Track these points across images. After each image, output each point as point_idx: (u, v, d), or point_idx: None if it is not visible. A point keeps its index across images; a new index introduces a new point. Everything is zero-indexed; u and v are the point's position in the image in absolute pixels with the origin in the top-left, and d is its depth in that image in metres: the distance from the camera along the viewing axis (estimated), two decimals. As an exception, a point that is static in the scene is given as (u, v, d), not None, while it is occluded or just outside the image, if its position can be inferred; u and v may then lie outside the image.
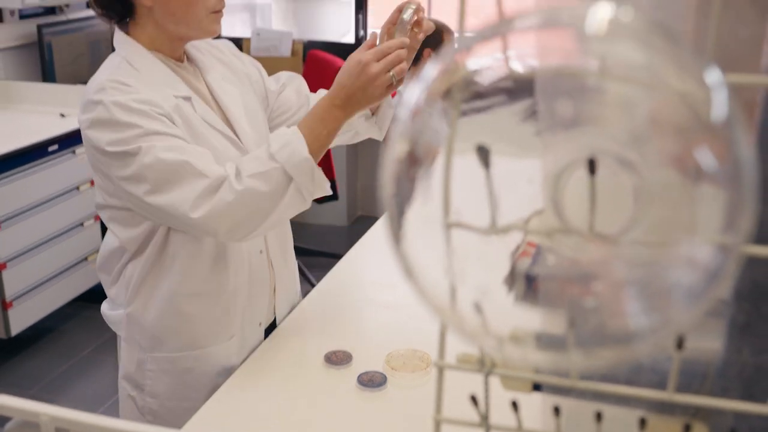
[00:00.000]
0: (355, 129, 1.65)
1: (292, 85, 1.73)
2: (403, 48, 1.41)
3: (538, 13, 0.45)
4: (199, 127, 1.44)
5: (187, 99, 1.45)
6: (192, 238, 1.47)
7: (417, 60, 3.55)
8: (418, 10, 1.48)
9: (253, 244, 1.56)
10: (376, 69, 1.38)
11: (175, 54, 1.50)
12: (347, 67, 1.41)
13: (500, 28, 0.47)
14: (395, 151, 0.51)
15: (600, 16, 0.44)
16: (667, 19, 0.71)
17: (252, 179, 1.34)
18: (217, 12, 1.45)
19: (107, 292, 1.60)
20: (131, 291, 1.51)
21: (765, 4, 0.61)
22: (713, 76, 0.43)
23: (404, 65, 1.41)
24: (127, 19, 1.47)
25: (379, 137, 1.69)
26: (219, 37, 1.56)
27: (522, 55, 0.49)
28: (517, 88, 0.51)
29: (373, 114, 1.66)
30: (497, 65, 0.50)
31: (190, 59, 1.55)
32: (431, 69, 0.50)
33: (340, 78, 1.42)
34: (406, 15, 1.46)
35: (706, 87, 0.43)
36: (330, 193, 1.43)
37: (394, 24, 1.48)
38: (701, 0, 0.68)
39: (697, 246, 0.48)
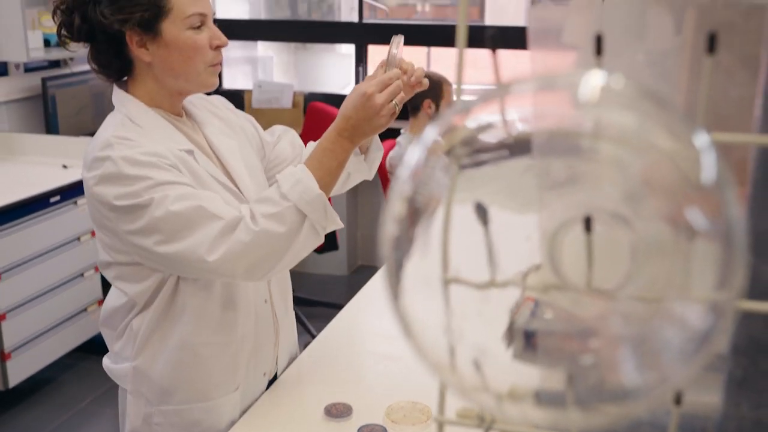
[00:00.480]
0: (348, 170, 1.67)
1: (287, 137, 1.78)
2: (399, 79, 1.46)
3: (534, 79, 0.47)
4: (206, 179, 1.46)
5: (190, 153, 1.47)
6: (202, 287, 1.47)
7: (416, 110, 3.62)
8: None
9: (259, 293, 1.57)
10: (380, 100, 1.43)
11: (175, 109, 1.52)
12: (352, 99, 1.45)
13: (498, 93, 0.48)
14: (395, 210, 0.52)
15: (593, 83, 0.46)
16: (660, 77, 0.73)
17: (266, 220, 1.36)
18: (216, 65, 1.48)
19: (110, 346, 1.58)
20: (138, 344, 1.51)
21: (755, 66, 0.63)
22: (702, 139, 0.44)
23: (403, 95, 1.47)
24: (125, 77, 1.50)
25: (369, 177, 1.73)
26: (217, 91, 1.59)
27: (519, 116, 0.51)
28: (518, 145, 0.52)
29: (361, 152, 1.69)
30: (497, 124, 0.51)
31: (187, 114, 1.58)
32: (431, 131, 0.51)
33: (345, 110, 1.46)
34: (395, 49, 1.50)
35: (696, 149, 0.44)
36: (342, 225, 1.45)
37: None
38: (693, 60, 0.70)
39: (692, 302, 0.48)
